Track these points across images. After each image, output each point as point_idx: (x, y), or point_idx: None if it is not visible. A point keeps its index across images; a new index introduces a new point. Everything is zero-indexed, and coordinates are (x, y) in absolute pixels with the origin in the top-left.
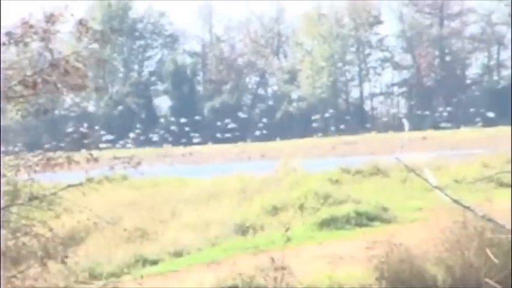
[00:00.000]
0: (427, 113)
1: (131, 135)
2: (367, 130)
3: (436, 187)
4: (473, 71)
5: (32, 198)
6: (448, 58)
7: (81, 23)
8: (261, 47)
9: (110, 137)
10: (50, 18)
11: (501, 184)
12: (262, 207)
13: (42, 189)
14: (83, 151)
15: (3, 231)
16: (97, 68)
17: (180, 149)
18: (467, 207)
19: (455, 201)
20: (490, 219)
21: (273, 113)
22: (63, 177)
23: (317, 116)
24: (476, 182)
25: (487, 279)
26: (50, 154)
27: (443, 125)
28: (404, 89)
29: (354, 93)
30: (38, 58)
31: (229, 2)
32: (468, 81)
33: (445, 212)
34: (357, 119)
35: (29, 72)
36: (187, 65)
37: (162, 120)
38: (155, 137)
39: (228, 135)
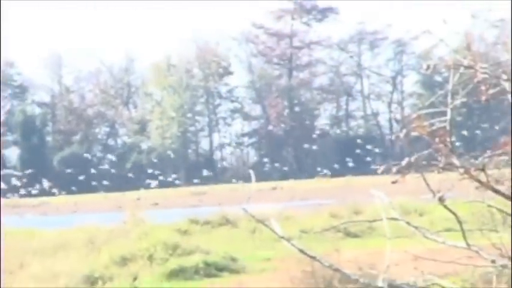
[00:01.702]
0: (277, 163)
1: None
2: (216, 181)
3: (283, 237)
4: (322, 122)
5: None
6: (297, 109)
7: None
8: (111, 98)
9: None
10: None
11: (348, 234)
12: (110, 258)
13: None
14: None
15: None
16: None
17: (29, 200)
18: (314, 257)
19: (301, 251)
20: (336, 269)
21: (122, 163)
22: None
23: (166, 166)
24: (324, 232)
25: None
26: None
27: (292, 175)
28: (254, 139)
29: (204, 144)
30: None
31: (78, 52)
32: (317, 132)
33: (294, 262)
34: (206, 170)
35: None
36: (36, 116)
37: (11, 170)
38: (4, 188)
39: (77, 186)
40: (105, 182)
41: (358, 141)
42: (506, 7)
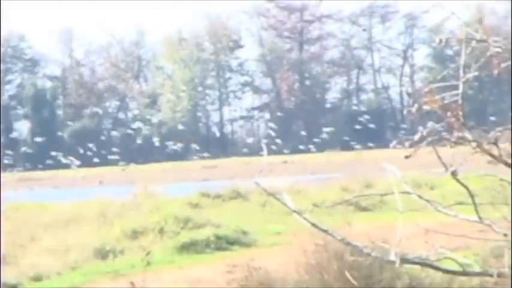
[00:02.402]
0: (288, 137)
1: None
2: (227, 154)
3: (294, 211)
4: (332, 95)
5: None
6: (307, 82)
7: None
8: (122, 71)
9: None
10: None
11: (359, 208)
12: (122, 231)
13: None
14: None
15: None
16: None
17: (41, 173)
18: (325, 231)
19: (313, 224)
20: (348, 243)
21: (133, 137)
22: None
23: (177, 140)
24: (335, 205)
25: None
26: None
27: (303, 148)
28: (264, 113)
29: (214, 117)
30: None
31: (89, 26)
32: (328, 105)
33: (306, 235)
34: (217, 143)
35: None
36: (47, 89)
37: (22, 144)
38: (15, 161)
39: (88, 160)
40: (115, 156)
41: (369, 115)
42: None
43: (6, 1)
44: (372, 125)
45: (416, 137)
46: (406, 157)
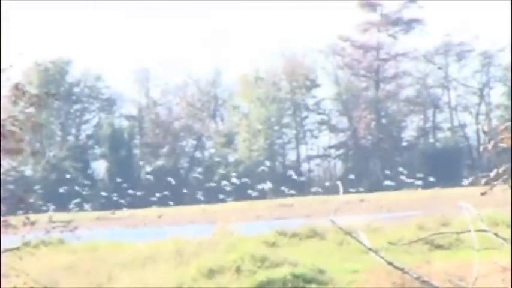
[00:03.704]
0: (364, 175)
1: (68, 199)
2: (303, 193)
3: (370, 249)
4: (409, 133)
5: None
6: (384, 121)
7: (17, 87)
8: (198, 111)
9: (47, 202)
10: None
11: (436, 246)
12: (198, 270)
13: None
14: (20, 215)
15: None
16: (33, 132)
17: (117, 213)
18: (401, 269)
19: (389, 263)
20: (424, 281)
21: (210, 176)
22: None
23: (254, 179)
24: (411, 244)
25: None
26: None
27: (380, 187)
28: (341, 151)
29: (291, 156)
30: None
31: (165, 66)
32: (404, 144)
33: (382, 274)
34: (293, 182)
35: None
36: (124, 129)
37: (99, 183)
38: (92, 201)
39: (165, 199)
40: (192, 195)
41: (446, 153)
42: None
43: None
44: (448, 163)
45: (492, 175)
46: (482, 194)
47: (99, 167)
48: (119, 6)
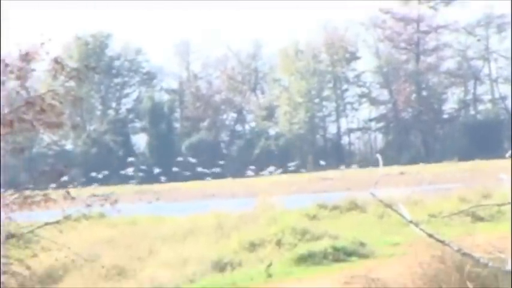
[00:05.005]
0: (405, 147)
1: (109, 173)
2: (344, 165)
3: (411, 222)
4: (450, 106)
5: (10, 236)
6: (424, 93)
7: (56, 61)
8: (238, 84)
9: (87, 176)
10: (26, 57)
11: (477, 218)
12: (239, 243)
13: (20, 227)
14: (60, 189)
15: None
16: (74, 106)
17: (158, 186)
18: (442, 241)
19: (430, 235)
20: (464, 253)
21: (251, 149)
22: (41, 215)
23: (294, 152)
24: (452, 216)
25: None
26: (27, 192)
27: (420, 159)
28: (381, 124)
29: (331, 129)
30: (14, 96)
31: (206, 39)
32: (445, 116)
33: (423, 246)
34: (334, 155)
35: (5, 111)
36: (164, 102)
37: (140, 157)
38: (133, 175)
39: (206, 171)
40: (233, 168)
41: (486, 125)
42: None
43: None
44: (489, 135)
45: None
46: None
47: (140, 141)
48: None
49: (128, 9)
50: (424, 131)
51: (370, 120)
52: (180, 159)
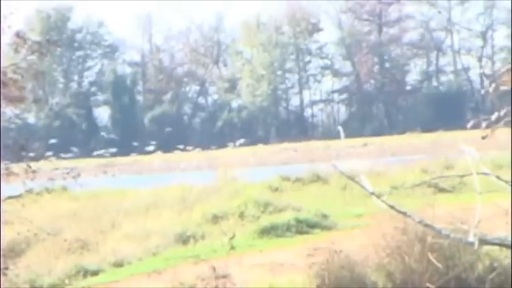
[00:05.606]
0: (368, 119)
1: (71, 146)
2: (307, 138)
3: (373, 193)
4: (412, 77)
5: None
6: (387, 65)
7: (18, 35)
8: (201, 56)
9: (49, 149)
10: None
11: (440, 189)
12: (202, 216)
13: None
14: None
15: None
16: (36, 80)
17: (121, 159)
18: (404, 213)
19: (391, 207)
20: (426, 224)
21: (214, 122)
22: (2, 189)
23: (257, 124)
24: (415, 187)
25: (428, 285)
26: None
27: (383, 131)
28: (344, 95)
29: (294, 101)
30: None
31: (168, 12)
32: (408, 87)
33: (386, 218)
34: (297, 127)
35: None
36: (127, 75)
37: (102, 130)
38: (95, 148)
39: (168, 145)
40: (196, 141)
41: (449, 96)
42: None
43: None
44: (451, 106)
45: (494, 118)
46: (483, 138)
47: (102, 114)
48: None
49: None
50: (387, 103)
51: (333, 92)
52: (143, 132)
